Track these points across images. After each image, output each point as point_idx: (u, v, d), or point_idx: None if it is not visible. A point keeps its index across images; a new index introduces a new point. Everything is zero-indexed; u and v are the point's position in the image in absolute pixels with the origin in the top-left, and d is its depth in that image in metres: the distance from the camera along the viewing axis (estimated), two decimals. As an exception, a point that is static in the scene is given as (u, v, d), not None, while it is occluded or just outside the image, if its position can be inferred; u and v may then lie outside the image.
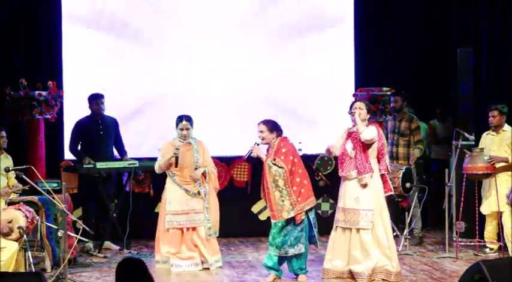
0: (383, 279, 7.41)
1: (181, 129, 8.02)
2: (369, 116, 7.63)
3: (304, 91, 10.64)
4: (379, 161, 7.50)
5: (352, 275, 7.50)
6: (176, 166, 7.94)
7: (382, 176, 7.53)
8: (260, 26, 10.59)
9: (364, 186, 7.41)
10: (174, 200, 7.98)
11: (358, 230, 7.44)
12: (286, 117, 10.42)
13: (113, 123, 9.36)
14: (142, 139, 10.15)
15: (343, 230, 7.58)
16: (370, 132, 7.42)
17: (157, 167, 8.10)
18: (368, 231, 7.40)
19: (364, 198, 7.43)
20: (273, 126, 7.60)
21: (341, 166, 7.64)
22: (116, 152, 9.43)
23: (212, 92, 10.44)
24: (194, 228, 8.01)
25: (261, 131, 7.58)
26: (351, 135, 7.62)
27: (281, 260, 7.63)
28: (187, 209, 7.98)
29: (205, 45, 10.43)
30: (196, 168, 8.03)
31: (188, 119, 8.09)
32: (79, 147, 9.23)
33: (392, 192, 7.70)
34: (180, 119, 8.08)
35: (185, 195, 7.99)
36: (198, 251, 7.99)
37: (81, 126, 9.23)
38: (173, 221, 7.96)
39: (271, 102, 10.45)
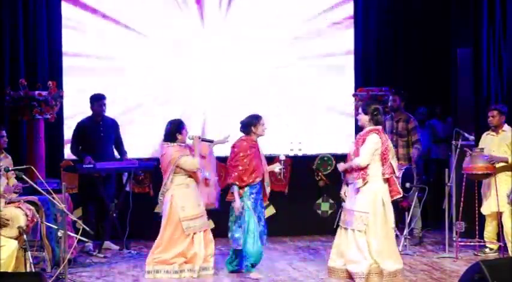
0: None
1: (187, 131, 7.91)
2: (369, 117, 7.51)
3: (304, 91, 10.65)
4: (382, 165, 7.45)
5: (349, 274, 7.49)
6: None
7: (388, 179, 7.48)
8: (260, 26, 10.59)
9: (357, 190, 7.43)
10: (187, 205, 7.80)
11: (353, 230, 7.46)
12: (286, 117, 10.46)
13: (114, 125, 9.36)
14: (143, 139, 10.15)
15: (345, 230, 7.60)
16: (361, 159, 7.34)
17: (197, 163, 7.78)
18: (361, 233, 7.41)
19: (360, 200, 7.44)
20: None
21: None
22: (116, 153, 9.42)
23: (212, 93, 10.45)
24: (205, 230, 7.88)
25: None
26: (356, 139, 7.67)
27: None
28: (200, 212, 7.84)
29: (205, 46, 10.44)
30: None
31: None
32: (80, 148, 9.21)
33: (400, 196, 7.66)
34: (183, 123, 7.93)
35: (197, 199, 7.85)
36: (206, 254, 7.86)
37: (82, 127, 9.22)
38: (190, 227, 7.75)
39: (272, 102, 10.45)
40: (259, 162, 7.80)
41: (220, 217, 8.38)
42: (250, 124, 7.83)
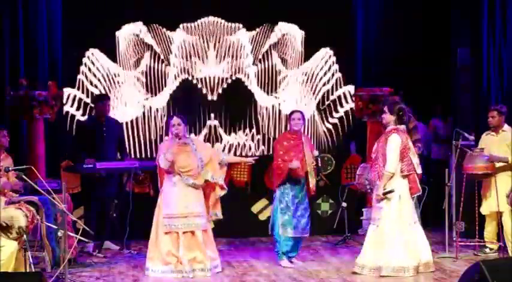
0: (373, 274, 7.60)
1: (173, 126, 7.74)
2: (394, 118, 7.67)
3: (303, 91, 10.64)
4: (400, 162, 7.61)
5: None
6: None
7: (408, 176, 7.64)
8: (259, 24, 10.58)
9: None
10: (171, 203, 7.76)
11: (371, 224, 7.74)
12: (285, 116, 10.44)
13: (117, 126, 9.35)
14: (143, 139, 10.17)
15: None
16: (389, 166, 7.54)
17: (163, 162, 7.66)
18: (373, 226, 7.64)
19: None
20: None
21: (369, 170, 7.94)
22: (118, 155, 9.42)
23: (214, 93, 10.44)
24: (193, 232, 7.80)
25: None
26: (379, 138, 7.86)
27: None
28: (186, 213, 7.76)
29: (206, 47, 10.43)
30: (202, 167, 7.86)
31: (179, 116, 7.90)
32: (82, 148, 9.20)
33: (420, 193, 7.83)
34: (171, 116, 7.91)
35: (185, 199, 7.80)
36: (197, 255, 7.81)
37: (84, 127, 9.21)
38: (170, 225, 7.71)
39: (272, 102, 10.45)
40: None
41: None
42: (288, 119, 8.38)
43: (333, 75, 10.65)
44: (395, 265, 7.52)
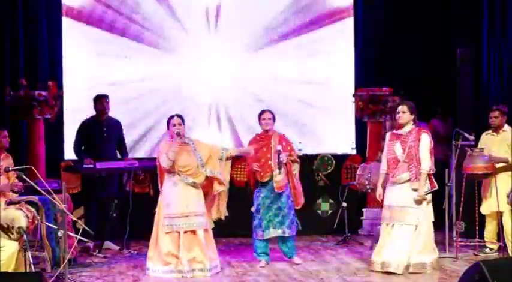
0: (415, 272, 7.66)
1: (174, 125, 7.73)
2: (413, 117, 7.75)
3: (303, 91, 10.65)
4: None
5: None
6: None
7: (429, 175, 7.76)
8: (259, 25, 10.60)
9: (415, 190, 7.63)
10: (172, 203, 7.76)
11: (401, 225, 7.68)
12: (286, 117, 10.44)
13: (117, 125, 9.33)
14: (144, 139, 10.17)
15: (387, 225, 7.79)
16: (428, 164, 7.61)
17: (166, 161, 7.65)
18: (411, 227, 7.64)
19: (413, 196, 7.66)
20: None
21: (391, 170, 7.79)
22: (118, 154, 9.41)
23: (213, 93, 10.46)
24: (194, 232, 7.79)
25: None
26: (399, 137, 7.77)
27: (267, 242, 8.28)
28: (187, 213, 7.74)
29: (206, 47, 10.45)
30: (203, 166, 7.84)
31: (179, 116, 7.89)
32: (82, 148, 9.19)
33: (436, 188, 7.83)
34: (171, 116, 7.87)
35: (186, 199, 7.80)
36: (197, 255, 7.79)
37: (85, 127, 9.21)
38: (171, 225, 7.71)
39: (271, 102, 10.45)
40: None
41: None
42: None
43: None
44: (419, 262, 7.68)
